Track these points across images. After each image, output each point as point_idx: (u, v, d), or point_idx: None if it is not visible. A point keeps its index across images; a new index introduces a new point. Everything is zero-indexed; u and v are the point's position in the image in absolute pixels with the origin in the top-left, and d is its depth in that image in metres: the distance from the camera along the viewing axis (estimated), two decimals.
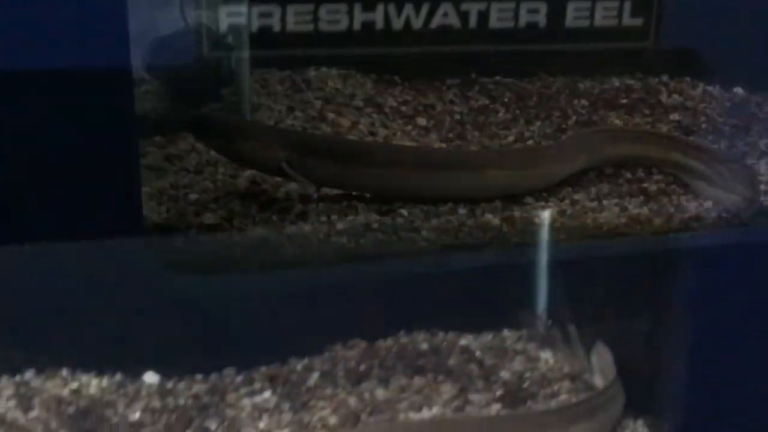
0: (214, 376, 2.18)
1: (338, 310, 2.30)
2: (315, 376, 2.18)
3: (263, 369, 2.20)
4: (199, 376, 2.18)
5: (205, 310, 2.23)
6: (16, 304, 2.10)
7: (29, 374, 2.13)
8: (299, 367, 2.22)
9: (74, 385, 2.11)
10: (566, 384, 2.14)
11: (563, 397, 2.08)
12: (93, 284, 2.15)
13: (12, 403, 2.02)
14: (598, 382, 2.06)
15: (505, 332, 2.39)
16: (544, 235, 1.95)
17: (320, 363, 2.24)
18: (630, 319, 2.09)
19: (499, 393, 2.09)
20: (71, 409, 2.01)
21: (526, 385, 2.14)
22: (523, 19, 2.63)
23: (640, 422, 1.97)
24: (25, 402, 2.02)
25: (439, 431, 1.81)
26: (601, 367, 2.09)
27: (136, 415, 2.01)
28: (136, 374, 2.16)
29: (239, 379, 2.17)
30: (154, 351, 2.18)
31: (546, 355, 2.28)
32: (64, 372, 2.15)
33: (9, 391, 2.07)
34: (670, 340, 1.95)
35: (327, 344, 2.30)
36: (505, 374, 2.18)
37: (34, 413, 1.99)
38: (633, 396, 1.98)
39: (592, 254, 2.08)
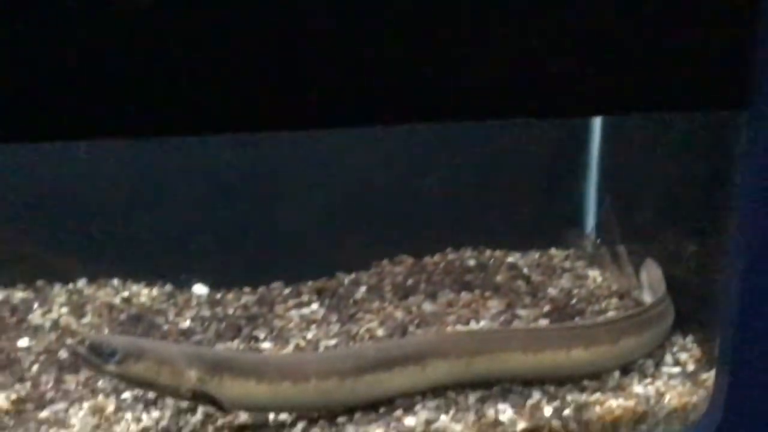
0: (262, 289, 2.20)
1: (384, 226, 2.31)
2: (362, 290, 2.19)
3: (310, 283, 2.22)
4: (247, 289, 2.20)
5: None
6: (67, 214, 2.13)
7: (81, 283, 2.17)
8: (346, 281, 2.23)
9: (125, 293, 2.15)
10: (614, 301, 2.13)
11: (611, 313, 2.07)
12: (144, 197, 2.18)
13: (65, 309, 2.06)
14: (648, 299, 2.04)
15: (553, 251, 2.39)
16: None
17: (367, 278, 2.25)
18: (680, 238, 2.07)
19: (546, 309, 2.09)
20: (123, 316, 2.05)
21: (573, 301, 2.13)
22: None
23: (689, 338, 1.95)
24: (77, 309, 2.06)
25: (489, 340, 1.81)
26: (650, 283, 2.07)
27: (186, 323, 2.04)
28: (185, 285, 2.20)
29: (287, 291, 2.19)
30: (203, 264, 2.20)
31: (594, 273, 2.28)
32: (115, 281, 2.19)
33: (62, 298, 2.11)
34: (719, 258, 1.91)
35: (374, 260, 2.31)
36: (552, 291, 2.18)
37: (86, 319, 2.03)
38: (683, 312, 1.97)
39: None
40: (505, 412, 1.72)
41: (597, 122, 2.32)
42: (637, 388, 1.80)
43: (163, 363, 1.55)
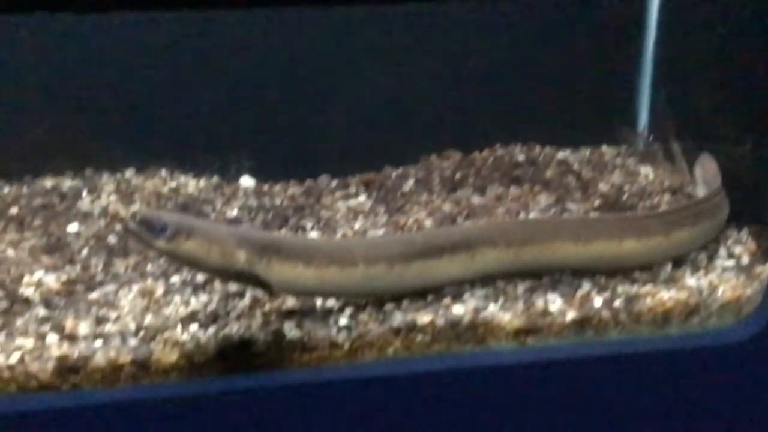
0: (308, 182, 2.19)
1: (432, 121, 2.28)
2: (410, 183, 2.17)
3: (358, 176, 2.20)
4: (293, 181, 2.19)
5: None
6: (116, 104, 2.13)
7: (129, 172, 2.17)
8: (394, 174, 2.21)
9: (173, 184, 2.15)
10: (667, 197, 2.09)
11: (663, 208, 2.03)
12: (194, 89, 2.16)
13: (113, 197, 2.06)
14: (702, 194, 2.00)
15: (604, 148, 2.34)
16: None
17: (415, 171, 2.23)
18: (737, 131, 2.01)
19: (597, 203, 2.05)
20: (170, 205, 2.05)
21: (624, 197, 2.09)
22: None
23: (744, 232, 1.91)
24: (126, 197, 2.07)
25: (540, 229, 1.78)
26: (705, 178, 2.02)
27: (234, 212, 2.03)
28: (232, 177, 2.19)
29: (334, 184, 2.18)
30: (250, 156, 2.20)
31: (646, 170, 2.23)
32: (163, 172, 2.19)
33: (110, 186, 2.11)
34: None
35: (422, 155, 2.28)
36: (603, 186, 2.14)
37: (134, 207, 2.03)
38: (738, 206, 1.92)
39: None
40: (554, 302, 1.70)
41: (653, 9, 2.25)
42: (690, 281, 1.77)
43: (212, 242, 1.53)
